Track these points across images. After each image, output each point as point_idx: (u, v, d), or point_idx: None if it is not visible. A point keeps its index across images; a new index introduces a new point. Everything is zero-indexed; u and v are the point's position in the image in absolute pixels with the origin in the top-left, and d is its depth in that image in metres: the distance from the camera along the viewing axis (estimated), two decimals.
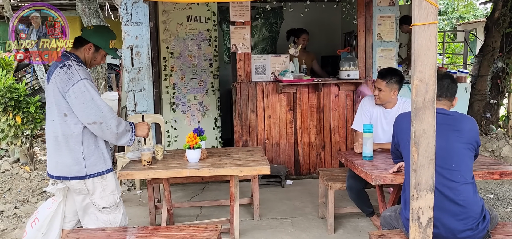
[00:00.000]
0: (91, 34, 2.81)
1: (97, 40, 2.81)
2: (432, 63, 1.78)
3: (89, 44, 2.80)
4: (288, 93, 5.13)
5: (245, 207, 4.28)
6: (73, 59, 2.71)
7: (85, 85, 2.63)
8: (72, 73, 2.63)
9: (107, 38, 2.85)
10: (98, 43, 2.81)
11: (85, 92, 2.62)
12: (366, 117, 3.63)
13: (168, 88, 5.36)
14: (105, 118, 2.65)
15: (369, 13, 5.16)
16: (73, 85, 2.61)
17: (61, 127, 2.69)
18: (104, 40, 2.83)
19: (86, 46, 2.80)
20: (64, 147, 2.70)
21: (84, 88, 2.62)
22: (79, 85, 2.62)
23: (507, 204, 4.43)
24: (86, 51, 2.80)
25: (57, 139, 2.71)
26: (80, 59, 2.77)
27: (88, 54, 2.81)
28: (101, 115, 2.64)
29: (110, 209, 2.82)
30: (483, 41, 6.76)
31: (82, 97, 2.62)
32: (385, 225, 2.73)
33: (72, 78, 2.62)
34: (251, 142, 5.15)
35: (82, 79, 2.63)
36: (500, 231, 2.55)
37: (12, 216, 4.26)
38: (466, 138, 2.39)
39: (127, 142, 2.80)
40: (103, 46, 2.83)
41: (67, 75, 2.63)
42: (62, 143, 2.70)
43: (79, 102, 2.62)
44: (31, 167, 5.52)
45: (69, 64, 2.67)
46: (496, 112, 6.75)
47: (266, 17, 7.16)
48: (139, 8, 4.74)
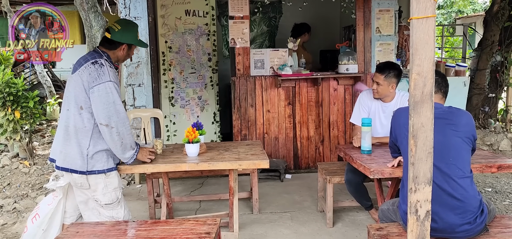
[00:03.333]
0: (122, 35, 2.84)
1: (130, 38, 2.86)
2: (430, 56, 1.79)
3: (123, 45, 2.84)
4: (287, 87, 5.14)
5: (244, 201, 4.29)
6: (106, 59, 2.75)
7: (111, 88, 2.67)
8: (103, 73, 2.68)
9: (136, 33, 2.91)
10: (131, 41, 2.87)
11: (109, 94, 2.66)
12: (365, 111, 3.63)
13: (167, 82, 5.36)
14: (118, 125, 2.68)
15: (367, 7, 5.15)
16: (101, 84, 2.65)
17: (74, 118, 2.71)
18: (134, 37, 2.89)
19: (121, 48, 2.85)
20: (73, 139, 2.72)
21: (110, 90, 2.67)
22: (105, 86, 2.66)
23: (505, 197, 4.46)
24: (121, 52, 2.86)
25: (67, 128, 2.74)
26: (111, 60, 2.82)
27: (123, 53, 2.88)
28: (115, 120, 2.67)
29: (112, 206, 2.84)
30: (482, 35, 6.76)
31: (105, 98, 2.65)
32: (383, 218, 2.75)
33: (102, 77, 2.67)
34: (250, 136, 5.16)
35: (110, 81, 2.68)
36: (498, 224, 2.56)
37: (11, 211, 4.27)
38: (463, 131, 2.41)
39: (128, 159, 2.82)
40: (135, 42, 2.89)
41: (97, 72, 2.67)
42: (72, 134, 2.72)
43: (101, 101, 2.65)
44: (31, 162, 5.53)
45: (102, 63, 2.71)
46: (494, 106, 6.76)
47: (264, 11, 7.14)
48: (138, 3, 4.73)
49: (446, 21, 17.69)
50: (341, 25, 7.09)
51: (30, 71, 9.18)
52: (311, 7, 6.70)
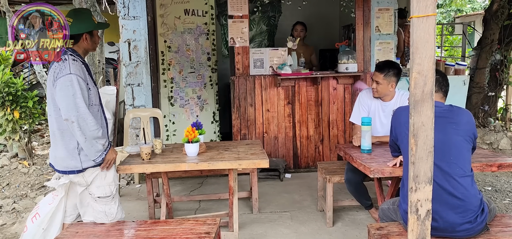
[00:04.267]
0: (77, 27, 2.75)
1: (85, 27, 2.78)
2: (430, 55, 1.78)
3: (84, 35, 2.78)
4: (286, 86, 5.13)
5: (244, 200, 4.29)
6: (70, 54, 2.70)
7: (71, 79, 2.60)
8: (64, 67, 2.63)
9: (90, 18, 2.82)
10: (88, 29, 2.79)
11: (69, 87, 2.59)
12: (364, 110, 3.63)
13: (166, 82, 5.35)
14: (78, 119, 2.59)
15: (367, 6, 5.14)
16: (61, 77, 2.60)
17: (56, 121, 2.69)
18: (90, 23, 2.80)
19: (82, 38, 2.79)
20: (60, 141, 2.70)
21: (70, 83, 2.59)
22: (65, 78, 2.60)
23: (505, 195, 4.45)
24: (84, 42, 2.80)
25: (54, 133, 2.72)
26: (78, 53, 2.76)
27: (88, 42, 2.81)
28: (75, 115, 2.58)
29: (105, 200, 2.81)
30: (482, 33, 6.76)
31: (65, 91, 2.59)
32: (384, 217, 2.74)
33: (63, 71, 2.62)
34: (250, 135, 5.16)
35: (70, 74, 2.61)
36: (498, 223, 2.56)
37: (11, 211, 4.26)
38: (463, 130, 2.40)
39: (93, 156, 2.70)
40: (93, 27, 2.81)
41: (59, 67, 2.64)
42: (58, 137, 2.70)
43: (61, 94, 2.60)
44: (30, 162, 5.52)
45: (65, 58, 2.67)
46: (494, 105, 6.76)
47: (264, 10, 7.14)
48: (136, 2, 4.72)
49: (446, 20, 17.69)
50: (341, 24, 7.09)
51: (29, 71, 9.18)
52: (311, 6, 6.70)
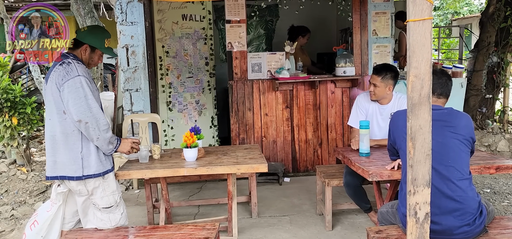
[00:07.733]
0: (85, 35, 2.81)
1: (92, 40, 2.81)
2: (427, 59, 1.79)
3: (85, 45, 2.79)
4: (284, 91, 5.14)
5: (243, 205, 4.28)
6: (72, 58, 2.72)
7: (81, 81, 2.63)
8: (71, 69, 2.64)
9: (102, 38, 2.84)
10: (93, 44, 2.81)
11: (80, 88, 2.62)
12: (362, 114, 3.64)
13: (164, 87, 5.35)
14: (92, 120, 2.63)
15: (364, 10, 5.16)
16: (69, 79, 2.61)
17: (60, 124, 2.68)
18: (99, 40, 2.82)
19: (82, 48, 2.79)
20: (62, 145, 2.69)
21: (79, 84, 2.62)
22: (75, 81, 2.62)
23: (504, 198, 4.46)
24: (82, 52, 2.80)
25: (54, 137, 2.70)
26: (79, 59, 2.77)
27: (85, 55, 2.81)
28: (88, 115, 2.62)
29: (110, 209, 2.82)
30: (478, 36, 6.78)
31: (76, 93, 2.61)
32: (383, 220, 2.74)
33: (70, 73, 2.63)
34: (248, 140, 5.16)
35: (79, 76, 2.64)
36: (497, 225, 2.56)
37: (9, 218, 4.25)
38: (462, 133, 2.41)
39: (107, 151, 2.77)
40: (99, 46, 2.82)
41: (65, 70, 2.64)
42: (60, 141, 2.69)
43: (71, 97, 2.61)
44: (28, 168, 5.51)
45: (69, 61, 2.68)
46: (491, 107, 6.78)
47: (261, 15, 7.15)
48: (134, 8, 4.73)
49: (442, 22, 17.76)
50: (338, 27, 7.11)
51: (27, 77, 9.17)
52: (308, 9, 6.71)
